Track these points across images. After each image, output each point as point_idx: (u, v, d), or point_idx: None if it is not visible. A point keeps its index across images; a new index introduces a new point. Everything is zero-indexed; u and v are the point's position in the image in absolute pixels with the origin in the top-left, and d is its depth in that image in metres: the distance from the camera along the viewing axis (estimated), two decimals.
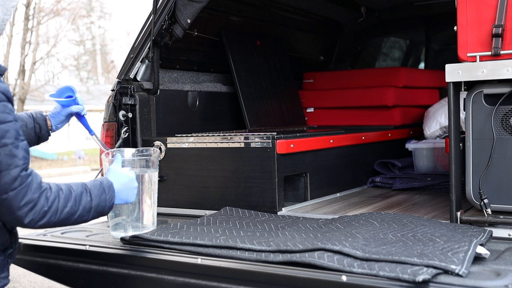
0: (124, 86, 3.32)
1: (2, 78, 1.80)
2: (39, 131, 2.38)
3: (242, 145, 3.04)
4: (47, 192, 1.80)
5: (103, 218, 3.07)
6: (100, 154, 3.06)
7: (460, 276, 1.79)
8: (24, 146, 1.78)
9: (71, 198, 1.87)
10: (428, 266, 1.84)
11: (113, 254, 2.39)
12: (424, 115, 4.41)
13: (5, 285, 1.90)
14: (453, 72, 2.37)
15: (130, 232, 2.49)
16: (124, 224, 2.52)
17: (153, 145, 3.27)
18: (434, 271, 1.80)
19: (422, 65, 5.87)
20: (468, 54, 2.38)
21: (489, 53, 2.33)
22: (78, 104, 2.45)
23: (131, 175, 2.19)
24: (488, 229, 2.33)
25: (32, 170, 1.79)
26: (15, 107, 18.78)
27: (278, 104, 4.46)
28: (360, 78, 4.84)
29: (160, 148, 3.25)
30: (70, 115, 2.47)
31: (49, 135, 2.44)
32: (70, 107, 2.44)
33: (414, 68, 5.84)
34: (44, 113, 2.42)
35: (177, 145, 3.22)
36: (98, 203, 1.97)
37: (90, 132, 2.59)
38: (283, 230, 2.46)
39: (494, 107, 2.40)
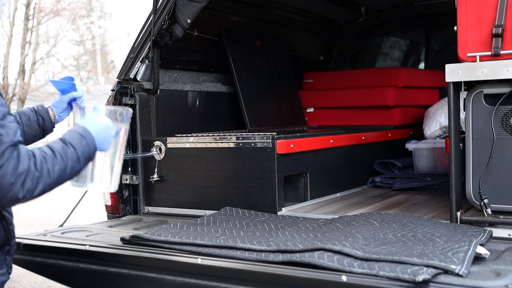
0: (124, 86, 3.32)
1: None
2: (42, 123, 2.38)
3: (242, 145, 3.04)
4: (32, 158, 1.78)
5: (104, 218, 3.08)
6: None
7: (460, 276, 1.79)
8: (14, 127, 1.75)
9: (56, 155, 1.84)
10: (428, 266, 1.84)
11: (113, 254, 2.39)
12: (424, 115, 4.41)
13: (4, 281, 1.89)
14: (453, 72, 2.37)
15: (89, 186, 2.26)
16: (83, 175, 2.35)
17: (153, 145, 3.27)
18: (434, 271, 1.80)
19: (422, 65, 5.87)
20: (468, 54, 2.38)
21: (489, 53, 2.33)
22: (77, 91, 2.46)
23: (108, 122, 2.11)
24: (488, 229, 2.33)
25: (18, 145, 1.76)
26: (15, 107, 18.79)
27: (278, 104, 4.46)
28: (360, 78, 4.84)
29: (160, 148, 3.25)
30: (70, 103, 2.47)
31: (53, 126, 2.43)
32: (70, 92, 2.45)
33: (414, 68, 5.84)
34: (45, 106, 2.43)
35: (177, 145, 3.22)
36: (82, 150, 1.94)
37: None
38: (283, 230, 2.46)
39: (494, 107, 2.40)
